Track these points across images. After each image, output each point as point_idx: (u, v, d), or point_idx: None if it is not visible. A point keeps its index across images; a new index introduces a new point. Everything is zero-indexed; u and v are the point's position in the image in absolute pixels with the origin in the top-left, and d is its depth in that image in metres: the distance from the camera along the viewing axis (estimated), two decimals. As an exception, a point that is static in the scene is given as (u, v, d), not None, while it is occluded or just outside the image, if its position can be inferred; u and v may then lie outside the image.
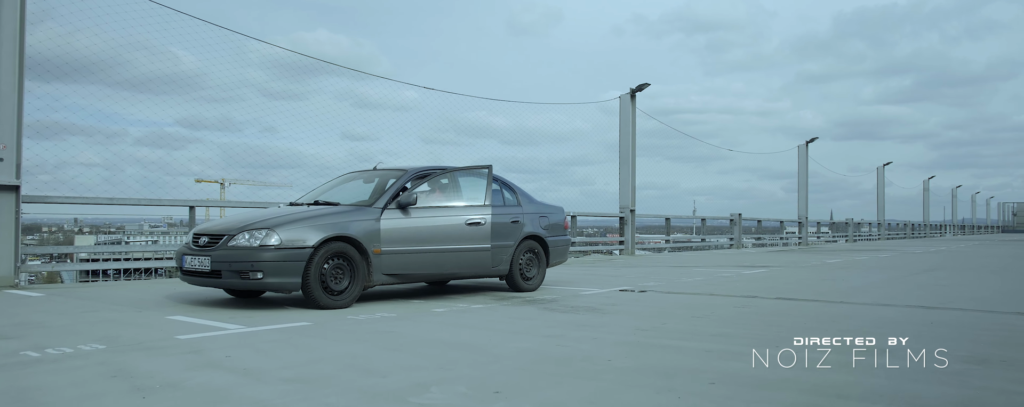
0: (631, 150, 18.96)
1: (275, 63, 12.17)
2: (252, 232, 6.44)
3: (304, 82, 13.53)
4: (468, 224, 7.54)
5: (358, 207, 7.10)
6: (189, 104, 10.79)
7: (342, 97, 17.10)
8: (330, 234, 6.58)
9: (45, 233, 52.18)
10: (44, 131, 8.77)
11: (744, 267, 13.34)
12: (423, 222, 7.22)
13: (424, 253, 7.18)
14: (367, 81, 15.31)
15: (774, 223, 29.79)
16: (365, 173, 8.15)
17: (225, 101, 11.07)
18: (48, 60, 8.71)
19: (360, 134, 15.99)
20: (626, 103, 19.26)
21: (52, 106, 8.78)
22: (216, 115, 11.57)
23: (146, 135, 11.64)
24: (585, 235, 45.38)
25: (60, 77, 8.78)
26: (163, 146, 11.02)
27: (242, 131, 12.10)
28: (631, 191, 18.81)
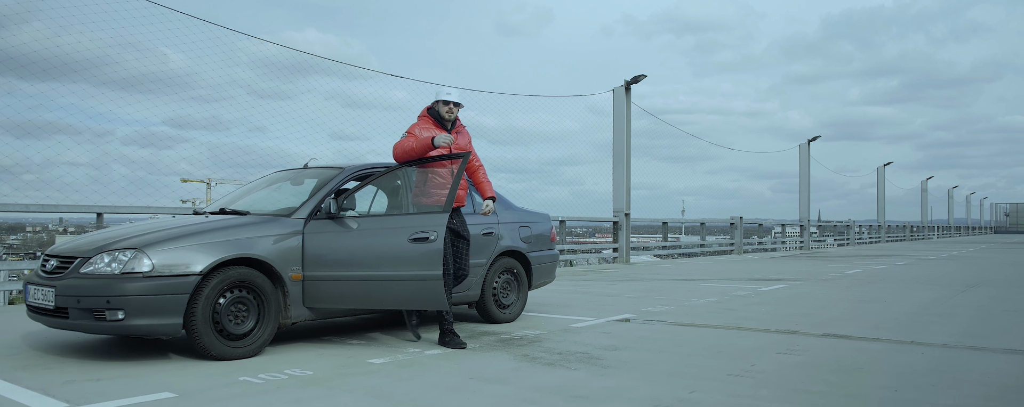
0: (626, 148, 17.20)
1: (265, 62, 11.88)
2: (114, 253, 4.61)
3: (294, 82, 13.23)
4: (414, 240, 5.36)
5: (272, 218, 5.28)
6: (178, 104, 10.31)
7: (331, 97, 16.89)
8: (227, 255, 4.77)
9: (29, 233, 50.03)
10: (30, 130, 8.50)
11: (758, 281, 11.59)
12: (360, 237, 5.38)
13: (361, 280, 5.32)
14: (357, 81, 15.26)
15: (768, 225, 28.18)
16: (293, 173, 6.33)
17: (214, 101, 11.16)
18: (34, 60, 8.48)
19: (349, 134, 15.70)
20: (620, 97, 17.51)
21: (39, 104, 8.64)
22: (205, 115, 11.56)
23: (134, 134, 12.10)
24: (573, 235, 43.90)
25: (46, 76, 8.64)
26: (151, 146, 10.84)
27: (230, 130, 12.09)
28: (626, 193, 17.04)
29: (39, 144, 8.89)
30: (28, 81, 8.59)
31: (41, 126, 8.69)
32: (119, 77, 9.72)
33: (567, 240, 17.65)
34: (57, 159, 9.16)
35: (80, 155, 10.15)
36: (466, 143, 5.80)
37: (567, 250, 16.39)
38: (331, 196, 5.48)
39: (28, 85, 8.64)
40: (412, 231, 5.32)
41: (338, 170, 5.85)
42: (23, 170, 8.53)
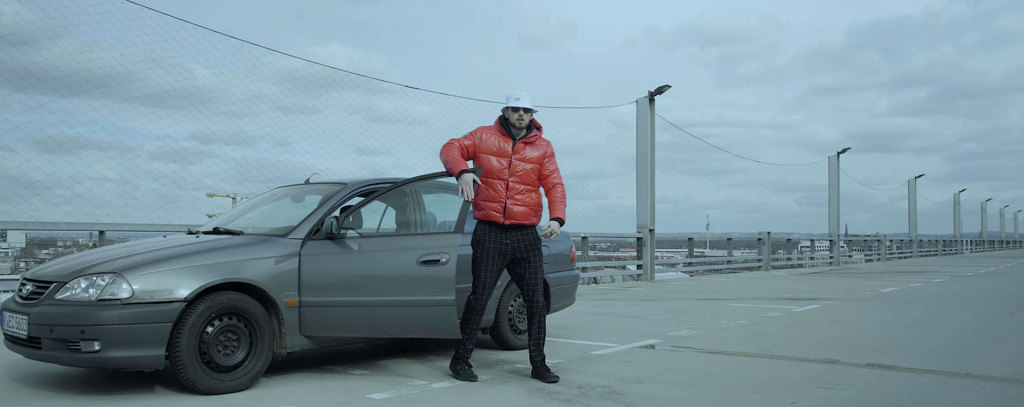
0: (650, 161, 16.71)
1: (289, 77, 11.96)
2: (91, 278, 4.24)
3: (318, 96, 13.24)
4: (424, 262, 4.99)
5: (266, 238, 4.89)
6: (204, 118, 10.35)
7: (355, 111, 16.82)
8: (215, 279, 4.38)
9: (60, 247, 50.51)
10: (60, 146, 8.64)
11: (789, 300, 11.04)
12: (363, 259, 4.97)
13: (364, 306, 4.91)
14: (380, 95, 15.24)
15: (795, 239, 27.47)
16: (294, 189, 5.95)
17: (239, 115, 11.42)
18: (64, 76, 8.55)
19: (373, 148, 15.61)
20: (644, 109, 17.04)
21: (68, 121, 8.75)
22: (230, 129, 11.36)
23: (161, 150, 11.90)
24: (597, 250, 43.41)
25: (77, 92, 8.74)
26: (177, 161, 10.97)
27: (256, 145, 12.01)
28: (650, 207, 16.54)
29: (69, 159, 9.00)
30: (58, 97, 8.74)
31: (71, 141, 8.87)
32: (147, 93, 9.90)
33: (589, 256, 17.21)
34: (86, 174, 9.14)
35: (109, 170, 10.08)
36: (536, 156, 5.13)
37: (590, 267, 15.91)
38: (332, 214, 5.09)
39: (58, 101, 8.78)
40: (422, 253, 4.92)
41: (341, 186, 5.46)
42: (54, 184, 8.65)
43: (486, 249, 5.01)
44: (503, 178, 5.05)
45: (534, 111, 5.17)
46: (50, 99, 8.63)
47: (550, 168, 5.21)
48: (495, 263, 5.02)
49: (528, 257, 5.08)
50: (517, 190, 5.05)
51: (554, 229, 5.06)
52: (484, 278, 5.02)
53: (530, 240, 5.09)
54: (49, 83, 8.54)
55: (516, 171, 5.06)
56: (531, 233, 5.12)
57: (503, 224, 5.02)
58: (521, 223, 5.05)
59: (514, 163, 5.06)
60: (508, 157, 5.07)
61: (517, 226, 5.05)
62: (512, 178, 5.05)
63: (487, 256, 5.02)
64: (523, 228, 5.08)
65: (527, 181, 5.09)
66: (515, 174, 5.06)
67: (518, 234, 5.06)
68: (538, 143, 5.21)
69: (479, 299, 5.03)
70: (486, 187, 5.04)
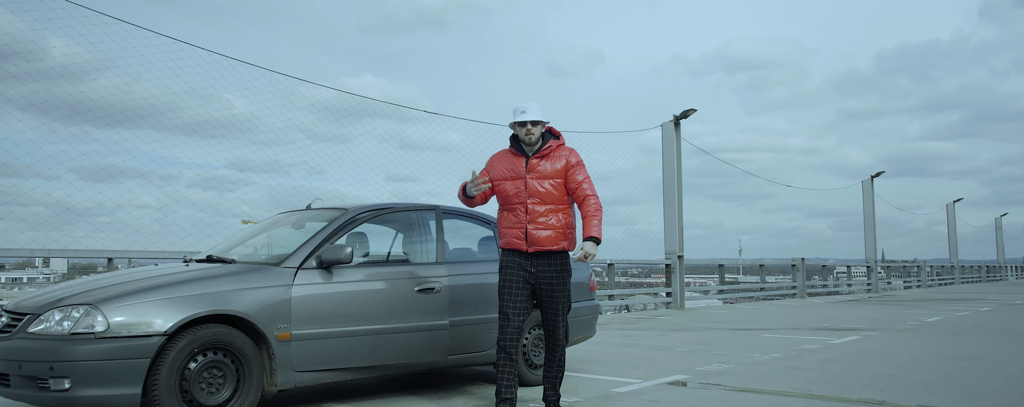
0: (676, 185, 16.23)
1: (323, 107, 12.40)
2: (65, 310, 3.93)
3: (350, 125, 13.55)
4: (421, 290, 4.95)
5: (258, 267, 4.56)
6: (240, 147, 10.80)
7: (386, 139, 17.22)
8: (199, 311, 4.05)
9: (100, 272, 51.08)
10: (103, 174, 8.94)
11: (827, 331, 10.46)
12: (360, 289, 4.64)
13: (360, 336, 4.58)
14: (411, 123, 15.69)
15: (831, 265, 26.68)
16: (295, 215, 5.64)
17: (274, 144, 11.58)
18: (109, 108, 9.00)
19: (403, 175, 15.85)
20: (669, 133, 16.61)
21: (111, 150, 9.14)
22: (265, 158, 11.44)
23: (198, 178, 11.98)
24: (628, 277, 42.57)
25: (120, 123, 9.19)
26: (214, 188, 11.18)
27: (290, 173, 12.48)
28: (678, 233, 16.03)
29: (111, 188, 9.37)
30: (103, 128, 9.12)
31: (113, 170, 9.23)
32: (186, 123, 10.21)
33: (617, 282, 16.72)
34: (127, 202, 9.39)
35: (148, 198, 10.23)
36: (556, 169, 4.58)
37: (617, 295, 15.42)
38: (330, 241, 4.76)
39: (103, 131, 9.16)
40: (420, 281, 4.62)
41: (341, 211, 5.14)
42: (97, 213, 8.91)
43: (508, 277, 4.57)
44: (522, 201, 4.57)
45: (545, 123, 4.67)
46: (95, 129, 9.08)
47: (578, 178, 4.60)
48: (519, 294, 4.55)
49: (552, 286, 4.59)
50: (538, 212, 4.53)
51: (589, 251, 4.44)
52: (505, 310, 4.52)
53: (557, 267, 4.60)
54: (95, 114, 8.97)
55: (534, 191, 4.55)
56: (559, 260, 4.61)
57: (527, 252, 4.55)
58: (547, 249, 4.55)
59: (530, 183, 4.56)
60: (522, 177, 4.58)
61: (543, 253, 4.57)
62: (531, 199, 4.54)
63: (509, 285, 4.55)
64: (550, 255, 4.58)
65: (550, 200, 4.56)
66: (534, 195, 4.54)
67: (544, 261, 4.58)
68: (557, 154, 4.64)
69: (504, 335, 4.49)
70: (507, 213, 4.62)
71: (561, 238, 4.57)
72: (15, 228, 8.12)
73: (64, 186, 8.60)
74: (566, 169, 4.60)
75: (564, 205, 4.60)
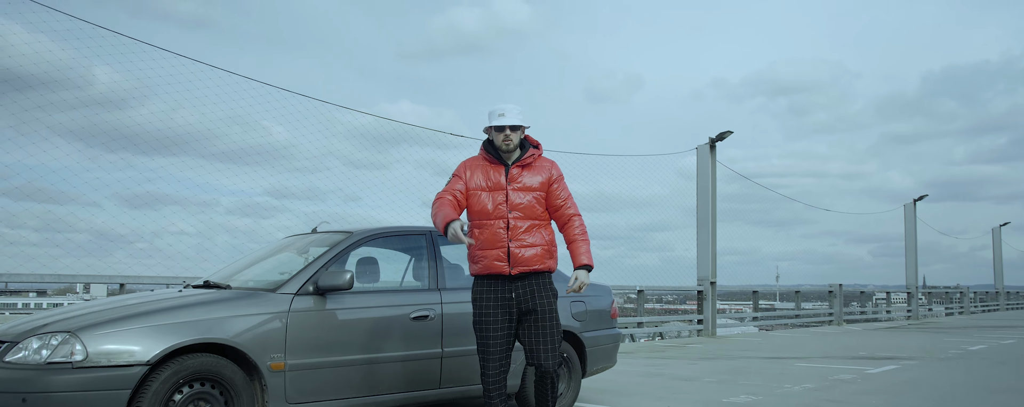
0: (711, 210, 15.83)
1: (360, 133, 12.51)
2: (44, 337, 3.75)
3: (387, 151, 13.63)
4: (416, 318, 4.73)
5: (252, 293, 4.35)
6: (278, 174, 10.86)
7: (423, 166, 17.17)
8: (186, 340, 3.85)
9: None
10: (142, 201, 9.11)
11: (864, 360, 9.99)
12: (357, 316, 4.42)
13: (356, 364, 4.36)
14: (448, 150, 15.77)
15: (870, 291, 25.92)
16: (300, 238, 5.44)
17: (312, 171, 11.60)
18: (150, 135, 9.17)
19: None
20: (705, 156, 16.24)
21: (151, 177, 9.32)
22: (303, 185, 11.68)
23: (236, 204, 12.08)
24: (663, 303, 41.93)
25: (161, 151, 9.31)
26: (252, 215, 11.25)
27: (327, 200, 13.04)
28: (711, 259, 15.59)
29: (151, 214, 9.40)
30: (144, 156, 9.27)
31: (153, 197, 9.36)
32: (225, 150, 10.32)
33: (648, 309, 16.30)
34: (167, 228, 9.50)
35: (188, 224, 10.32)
36: (540, 182, 4.14)
37: (647, 322, 15.02)
38: (329, 266, 4.54)
39: (143, 159, 9.31)
40: (415, 308, 4.41)
41: (346, 235, 4.93)
42: (137, 239, 8.99)
43: (487, 309, 4.06)
44: (502, 215, 4.04)
45: (524, 128, 4.18)
46: (136, 157, 9.23)
47: (562, 195, 4.18)
48: (502, 327, 4.05)
49: (536, 309, 4.06)
50: (521, 228, 4.05)
51: (583, 281, 4.07)
52: (486, 344, 4.05)
53: (544, 289, 4.10)
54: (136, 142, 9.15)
55: (517, 204, 4.06)
56: (545, 280, 4.13)
57: (509, 274, 4.03)
58: (533, 269, 4.06)
59: (512, 195, 4.07)
60: (503, 189, 4.08)
61: (527, 274, 4.08)
62: (513, 214, 4.05)
63: (489, 318, 4.04)
64: (535, 276, 4.10)
65: (533, 215, 4.10)
66: (516, 208, 4.05)
67: (529, 283, 4.08)
68: (539, 165, 4.20)
69: (486, 372, 4.04)
70: (482, 230, 4.07)
71: (547, 256, 4.12)
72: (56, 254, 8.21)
73: (105, 212, 8.89)
74: (549, 183, 4.17)
75: (545, 221, 4.19)
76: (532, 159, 4.19)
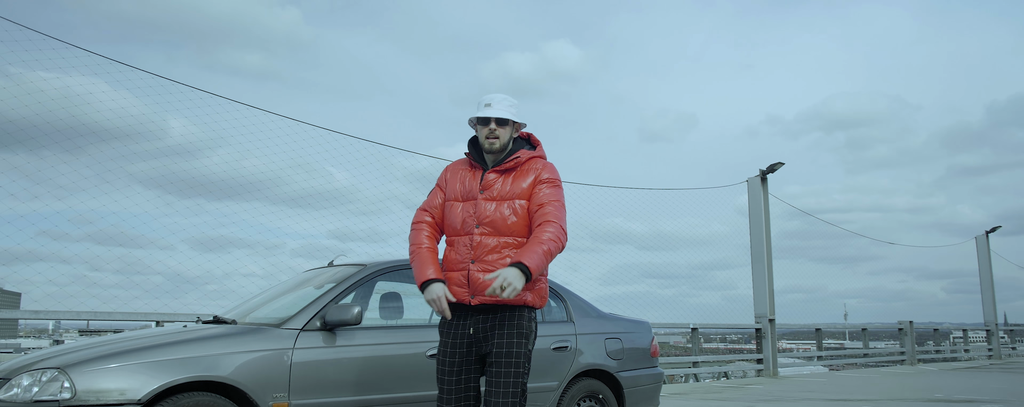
0: (765, 244, 15.21)
1: (419, 176, 12.84)
2: (35, 374, 3.58)
3: None
4: (431, 356, 4.33)
5: (256, 328, 4.13)
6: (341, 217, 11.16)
7: None
8: (181, 377, 3.64)
9: None
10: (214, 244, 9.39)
11: (939, 402, 9.25)
12: (366, 353, 4.15)
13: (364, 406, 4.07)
14: None
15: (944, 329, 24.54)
16: (316, 272, 5.23)
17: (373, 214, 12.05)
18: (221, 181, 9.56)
19: None
20: (756, 188, 15.70)
21: (222, 222, 9.60)
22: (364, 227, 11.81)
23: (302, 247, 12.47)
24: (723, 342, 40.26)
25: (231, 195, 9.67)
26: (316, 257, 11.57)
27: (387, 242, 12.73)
28: (768, 295, 14.93)
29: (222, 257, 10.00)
30: (215, 201, 9.70)
31: (224, 241, 9.77)
32: (291, 195, 10.72)
33: (707, 349, 15.66)
34: (237, 270, 9.78)
35: (256, 266, 10.87)
36: (519, 189, 3.33)
37: (702, 362, 14.39)
38: (338, 300, 4.30)
39: (215, 205, 9.74)
40: (433, 345, 4.11)
41: (358, 268, 4.70)
42: (207, 281, 9.30)
43: (442, 342, 3.35)
44: (467, 231, 3.31)
45: (513, 124, 3.41)
46: (208, 203, 9.66)
47: (543, 199, 3.30)
48: (456, 363, 3.28)
49: (492, 351, 3.23)
50: (488, 246, 3.26)
51: (507, 280, 2.98)
52: (440, 385, 3.31)
53: (506, 327, 3.23)
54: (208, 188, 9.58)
55: (485, 217, 3.29)
56: (512, 316, 3.25)
57: (468, 305, 3.27)
58: (496, 301, 3.19)
59: (480, 206, 3.32)
60: (474, 199, 3.35)
61: (491, 307, 3.26)
62: (480, 229, 3.28)
63: (444, 352, 3.32)
64: (501, 310, 3.25)
65: (507, 230, 3.28)
66: (484, 222, 3.29)
67: (491, 318, 3.26)
68: (526, 168, 3.39)
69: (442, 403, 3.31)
70: (452, 248, 3.37)
71: (543, 293, 3.36)
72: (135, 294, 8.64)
73: (178, 255, 9.20)
74: (533, 188, 3.33)
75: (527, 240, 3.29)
76: (517, 162, 3.38)
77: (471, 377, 3.29)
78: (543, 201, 3.29)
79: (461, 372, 3.27)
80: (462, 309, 3.31)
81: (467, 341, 3.28)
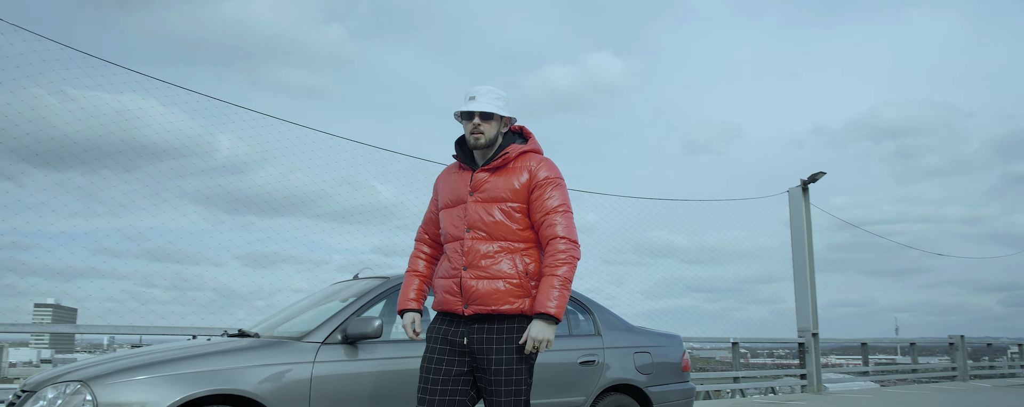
0: (807, 256, 14.86)
1: None
2: (59, 387, 3.64)
3: None
4: None
5: (277, 342, 4.15)
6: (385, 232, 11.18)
7: None
8: (200, 390, 3.66)
9: None
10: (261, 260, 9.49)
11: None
12: (389, 367, 4.12)
13: None
14: None
15: (1000, 344, 23.71)
16: (342, 285, 5.24)
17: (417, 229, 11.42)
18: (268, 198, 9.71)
19: None
20: (797, 199, 15.35)
21: (270, 238, 9.81)
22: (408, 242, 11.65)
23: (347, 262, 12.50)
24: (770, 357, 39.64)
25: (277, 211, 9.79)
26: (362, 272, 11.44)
27: None
28: (811, 309, 14.57)
29: (269, 272, 9.86)
30: (262, 217, 9.84)
31: (272, 257, 9.89)
32: (336, 210, 10.79)
33: (750, 364, 15.37)
34: (283, 286, 9.92)
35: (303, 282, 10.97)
36: (513, 188, 3.10)
37: (742, 377, 14.10)
38: (360, 313, 4.30)
39: (262, 221, 9.87)
40: None
41: (382, 280, 4.69)
42: (256, 297, 9.41)
43: (429, 349, 3.15)
44: (458, 236, 3.13)
45: (500, 118, 3.16)
46: (256, 219, 9.78)
47: (548, 204, 3.08)
48: (445, 372, 3.07)
49: (489, 367, 3.02)
50: (480, 252, 3.05)
51: (536, 337, 2.93)
52: (421, 395, 3.09)
53: (503, 339, 3.03)
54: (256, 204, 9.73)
55: (475, 221, 3.09)
56: (508, 327, 3.04)
57: (461, 315, 3.09)
58: (490, 311, 3.02)
59: (471, 208, 3.12)
60: (464, 202, 3.16)
61: (486, 317, 3.05)
62: (471, 233, 3.09)
63: (431, 360, 3.11)
64: (496, 320, 3.05)
65: (499, 234, 3.07)
66: (474, 226, 3.09)
67: (485, 328, 3.05)
68: (517, 165, 3.14)
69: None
70: (444, 257, 3.23)
71: (515, 294, 3.02)
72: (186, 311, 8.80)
73: (229, 272, 9.37)
74: (528, 188, 3.08)
75: (526, 243, 3.10)
76: (507, 158, 3.14)
77: (458, 390, 3.07)
78: (548, 209, 3.07)
79: (447, 383, 3.06)
80: (454, 318, 3.13)
81: (459, 351, 3.09)
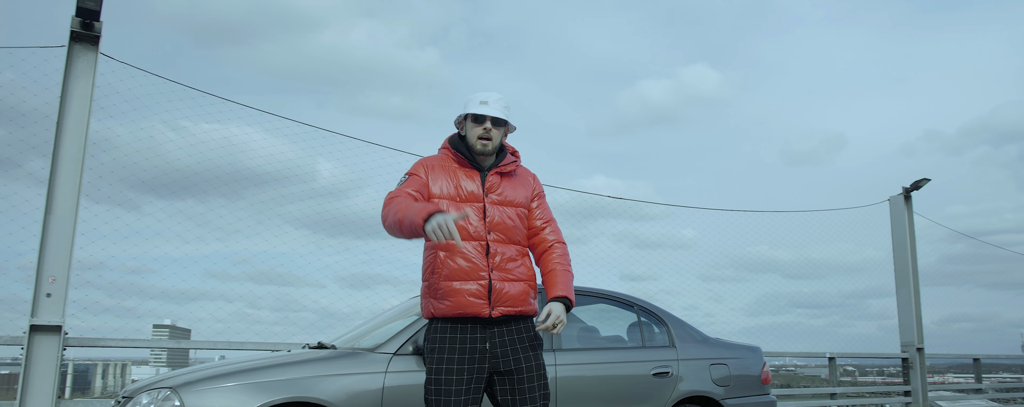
0: (911, 268, 14.19)
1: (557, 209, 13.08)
2: (153, 393, 3.91)
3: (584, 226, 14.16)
4: None
5: (351, 353, 4.33)
6: None
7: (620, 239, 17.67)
8: (279, 398, 3.87)
9: None
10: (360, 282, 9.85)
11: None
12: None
13: None
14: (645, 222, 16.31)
15: None
16: (416, 301, 5.39)
17: None
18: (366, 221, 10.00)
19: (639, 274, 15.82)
20: (898, 207, 14.68)
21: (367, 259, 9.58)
22: None
23: None
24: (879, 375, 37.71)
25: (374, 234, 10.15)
26: None
27: None
28: (915, 322, 13.88)
29: (368, 293, 10.16)
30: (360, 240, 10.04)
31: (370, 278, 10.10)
32: None
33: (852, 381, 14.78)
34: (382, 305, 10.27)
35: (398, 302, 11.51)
36: (523, 197, 3.25)
37: (839, 394, 13.58)
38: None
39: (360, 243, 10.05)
40: None
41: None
42: (354, 317, 9.71)
43: (448, 360, 3.05)
44: (480, 237, 3.10)
45: (507, 126, 3.25)
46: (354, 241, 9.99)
47: (545, 217, 3.29)
48: (465, 383, 3.02)
49: (522, 366, 3.09)
50: (506, 255, 3.12)
51: (559, 316, 3.05)
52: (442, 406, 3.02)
53: (530, 340, 3.13)
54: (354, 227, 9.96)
55: (498, 223, 3.14)
56: (528, 327, 3.16)
57: (489, 317, 3.06)
58: (518, 312, 3.10)
59: (490, 210, 3.14)
60: (480, 200, 3.15)
61: (510, 318, 3.11)
62: (493, 235, 3.12)
63: (450, 371, 3.02)
64: (518, 320, 3.14)
65: (516, 239, 3.18)
66: (496, 228, 3.13)
67: (511, 330, 3.11)
68: (521, 175, 3.32)
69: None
70: (450, 255, 3.09)
71: (532, 295, 3.20)
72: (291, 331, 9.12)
73: (329, 293, 9.64)
74: (532, 198, 3.29)
75: (526, 247, 3.29)
76: (513, 165, 3.27)
77: (477, 398, 3.04)
78: (548, 217, 3.33)
79: (468, 391, 3.01)
80: (477, 323, 3.08)
81: (480, 357, 3.06)
